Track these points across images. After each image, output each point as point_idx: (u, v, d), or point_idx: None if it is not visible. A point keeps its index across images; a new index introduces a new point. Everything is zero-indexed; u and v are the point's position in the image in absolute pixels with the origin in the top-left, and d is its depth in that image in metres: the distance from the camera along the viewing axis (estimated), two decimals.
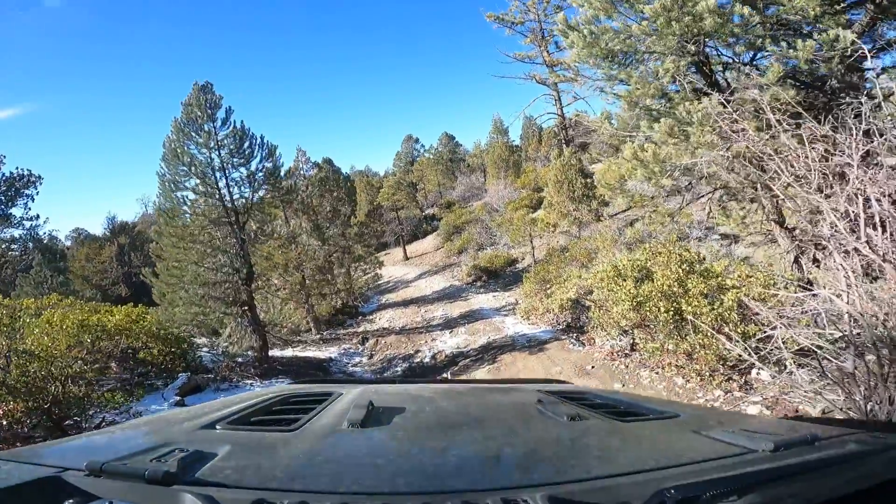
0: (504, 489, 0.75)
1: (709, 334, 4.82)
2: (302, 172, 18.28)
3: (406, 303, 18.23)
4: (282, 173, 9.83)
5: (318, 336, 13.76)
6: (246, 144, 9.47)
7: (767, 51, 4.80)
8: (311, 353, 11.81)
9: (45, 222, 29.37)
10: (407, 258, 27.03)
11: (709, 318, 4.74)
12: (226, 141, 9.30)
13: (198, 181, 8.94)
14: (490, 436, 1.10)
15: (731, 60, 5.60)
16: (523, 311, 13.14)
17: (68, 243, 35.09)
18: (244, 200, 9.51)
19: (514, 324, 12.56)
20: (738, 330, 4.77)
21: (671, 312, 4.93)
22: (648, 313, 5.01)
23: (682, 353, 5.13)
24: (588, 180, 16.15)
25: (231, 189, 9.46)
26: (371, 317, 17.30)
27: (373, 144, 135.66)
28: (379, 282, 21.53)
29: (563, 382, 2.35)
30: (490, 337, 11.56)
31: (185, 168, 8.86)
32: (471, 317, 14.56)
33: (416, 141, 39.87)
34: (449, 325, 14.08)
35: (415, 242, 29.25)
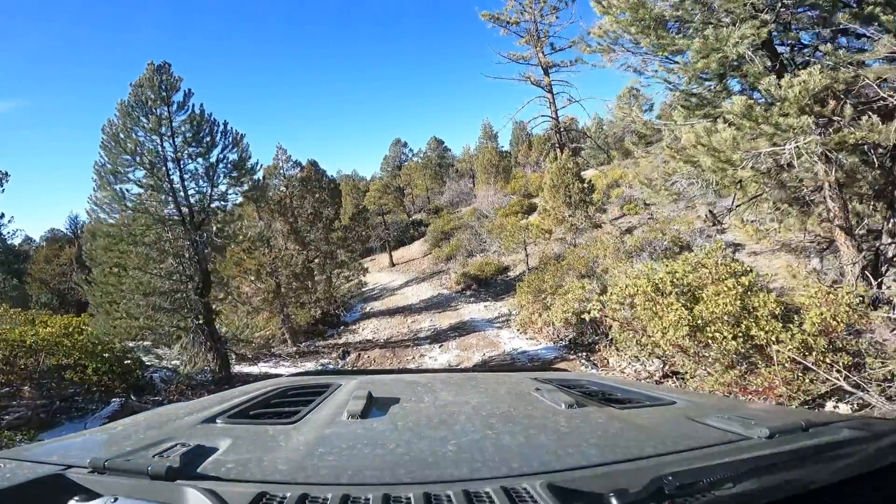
0: (504, 477, 0.74)
1: (787, 364, 3.70)
2: (282, 172, 16.84)
3: (392, 312, 16.90)
4: (248, 165, 8.40)
5: (295, 349, 12.29)
6: (205, 131, 8.02)
7: (878, 21, 3.76)
8: (285, 369, 10.36)
9: (9, 221, 27.01)
10: (393, 264, 25.69)
11: (792, 346, 3.62)
12: (182, 128, 7.87)
13: (144, 172, 7.47)
14: (489, 424, 1.07)
15: (799, 35, 4.58)
16: (519, 323, 11.97)
17: (44, 244, 32.53)
18: (201, 196, 8.04)
19: (510, 338, 11.37)
20: (827, 360, 3.66)
21: (740, 339, 3.80)
22: (711, 340, 3.88)
23: (743, 387, 4.00)
24: (585, 185, 15.20)
25: (186, 183, 7.98)
26: (354, 327, 15.91)
27: (361, 149, 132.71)
28: (363, 289, 20.14)
29: (560, 370, 2.31)
30: (485, 353, 10.32)
31: (128, 157, 7.36)
32: (462, 329, 13.33)
33: (405, 145, 38.57)
34: (438, 338, 12.80)
35: (401, 248, 27.94)
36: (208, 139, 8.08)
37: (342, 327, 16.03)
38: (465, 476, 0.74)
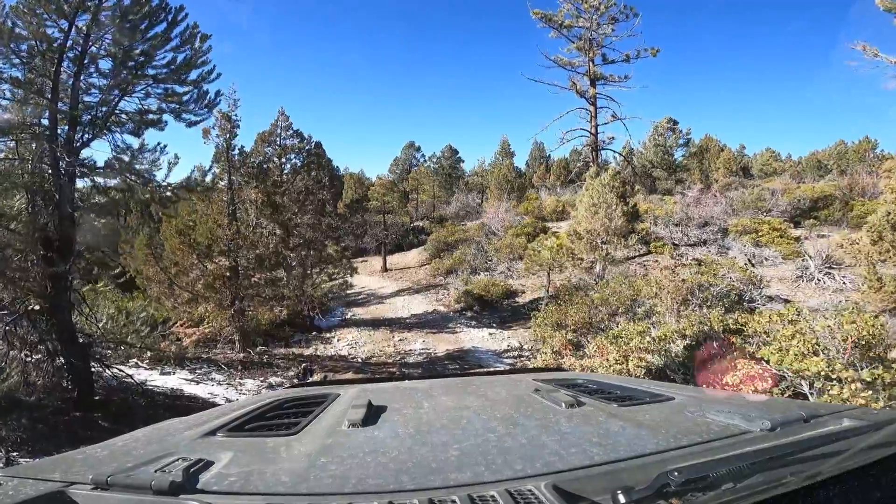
0: (508, 480, 0.71)
1: None
2: (278, 140, 13.69)
3: (377, 323, 13.58)
4: (196, 74, 5.14)
5: (243, 356, 8.83)
6: (142, 15, 4.78)
7: None
8: (213, 387, 6.93)
9: None
10: (386, 270, 22.40)
11: None
12: (107, 6, 4.66)
13: (15, 61, 4.23)
14: (490, 427, 1.02)
15: None
16: (543, 366, 8.78)
17: None
18: (101, 102, 4.72)
19: None
20: None
21: None
22: None
23: None
24: (629, 208, 12.20)
25: (83, 86, 4.74)
26: (329, 335, 12.53)
27: (371, 151, 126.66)
28: (348, 291, 16.79)
29: (559, 370, 2.29)
30: None
31: None
32: (462, 360, 10.05)
33: (418, 149, 35.43)
34: (432, 367, 9.49)
35: (397, 254, 24.70)
36: (144, 26, 4.89)
37: (314, 333, 12.65)
38: (469, 480, 0.71)
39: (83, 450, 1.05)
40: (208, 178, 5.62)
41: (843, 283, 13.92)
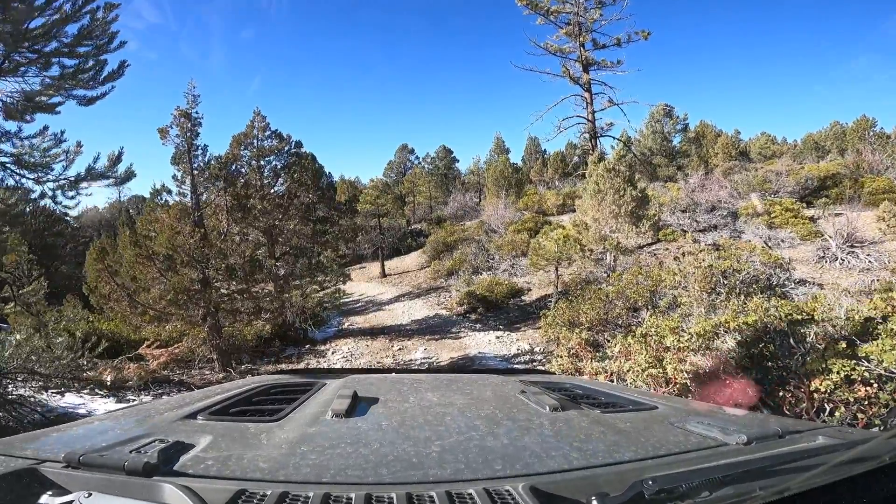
0: (487, 479, 0.70)
1: None
2: (255, 142, 12.55)
3: (375, 332, 12.44)
4: (91, 45, 3.95)
5: (221, 376, 7.65)
6: None
7: None
8: None
9: None
10: (385, 275, 21.26)
11: None
12: None
13: None
14: (473, 426, 1.00)
15: None
16: (560, 371, 7.63)
17: None
18: None
19: None
20: None
21: None
22: None
23: None
24: (639, 193, 11.03)
25: None
26: (324, 347, 11.39)
27: (366, 159, 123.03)
28: (345, 299, 15.63)
29: (547, 373, 2.31)
30: None
31: None
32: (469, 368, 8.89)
33: (412, 152, 34.28)
34: None
35: (396, 258, 23.59)
36: None
37: (307, 346, 11.49)
38: (448, 477, 0.70)
39: (58, 427, 1.02)
40: (122, 167, 4.51)
41: (870, 261, 12.79)
